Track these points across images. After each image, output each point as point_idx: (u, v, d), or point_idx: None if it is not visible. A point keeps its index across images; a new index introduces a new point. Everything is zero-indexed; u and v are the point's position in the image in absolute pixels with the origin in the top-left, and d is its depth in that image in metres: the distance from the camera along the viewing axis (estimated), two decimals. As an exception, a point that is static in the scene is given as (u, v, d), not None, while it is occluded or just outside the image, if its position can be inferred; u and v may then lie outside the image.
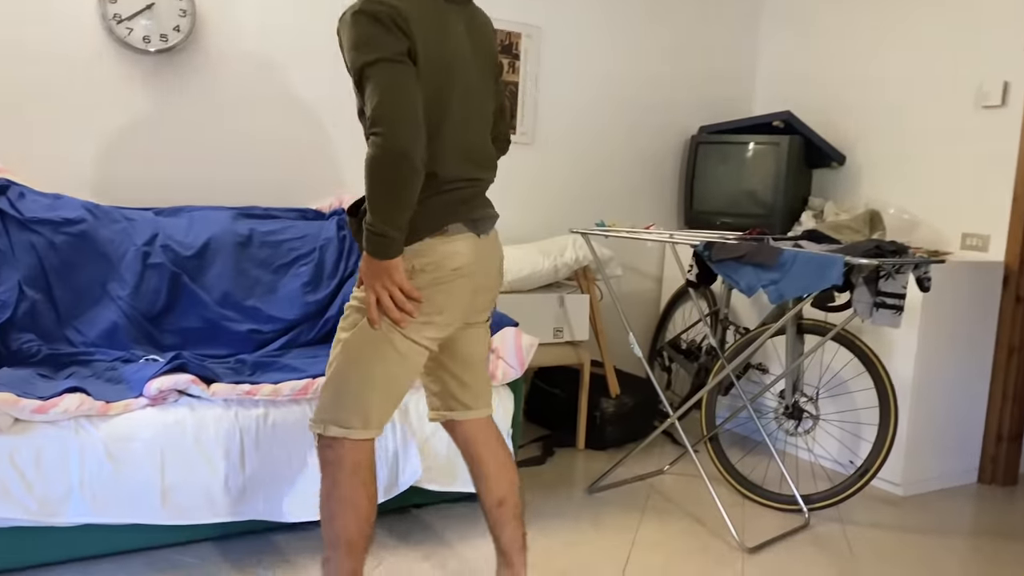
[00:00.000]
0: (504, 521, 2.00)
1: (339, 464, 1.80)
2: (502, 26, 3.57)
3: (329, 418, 1.80)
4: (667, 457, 3.39)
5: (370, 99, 1.64)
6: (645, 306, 4.15)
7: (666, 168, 4.11)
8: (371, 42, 1.64)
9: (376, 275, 1.72)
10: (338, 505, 1.80)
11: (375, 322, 1.75)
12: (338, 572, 1.82)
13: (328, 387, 1.81)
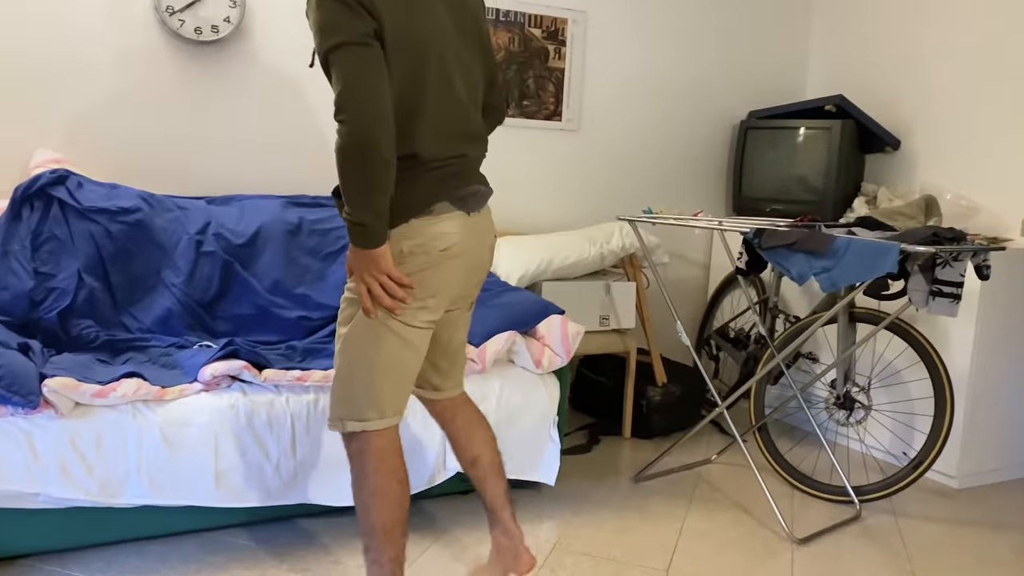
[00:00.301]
0: (483, 478, 2.03)
1: (365, 456, 1.80)
2: (548, 12, 3.55)
3: (345, 414, 1.79)
4: (715, 446, 3.36)
5: (335, 85, 1.61)
6: (692, 294, 4.11)
7: (714, 154, 4.05)
8: (336, 25, 1.60)
9: (364, 265, 1.70)
10: (370, 495, 1.81)
11: (370, 312, 1.73)
12: (380, 559, 1.83)
13: (338, 383, 1.80)
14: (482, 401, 2.56)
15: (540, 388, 2.67)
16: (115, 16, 2.84)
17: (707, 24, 3.91)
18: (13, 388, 2.00)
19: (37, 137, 2.79)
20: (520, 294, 2.88)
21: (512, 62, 3.52)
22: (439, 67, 1.73)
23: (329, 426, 1.84)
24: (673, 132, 3.94)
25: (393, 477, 1.82)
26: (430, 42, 1.71)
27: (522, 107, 3.58)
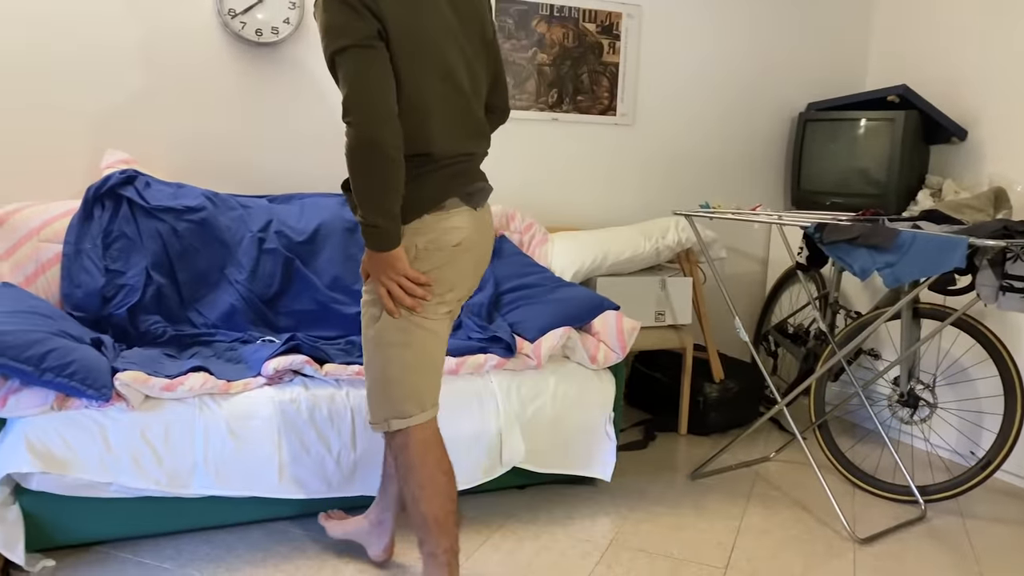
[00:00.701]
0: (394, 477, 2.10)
1: (409, 450, 1.84)
2: (602, 6, 3.53)
3: (388, 414, 1.83)
4: (773, 444, 3.31)
5: (341, 87, 1.63)
6: (750, 289, 4.05)
7: (772, 147, 3.99)
8: (341, 28, 1.62)
9: (380, 268, 1.73)
10: (418, 489, 1.84)
11: (394, 312, 1.76)
12: (435, 551, 1.86)
13: (375, 386, 1.84)
14: (536, 397, 2.57)
15: (595, 384, 2.67)
16: (181, 20, 2.92)
17: (764, 15, 3.85)
18: (87, 382, 2.08)
19: (107, 138, 2.88)
20: (575, 289, 2.88)
21: (566, 57, 3.52)
22: (445, 66, 1.75)
23: (373, 428, 1.88)
24: (730, 125, 3.88)
25: (439, 468, 1.85)
26: (435, 41, 1.72)
27: (576, 102, 3.57)
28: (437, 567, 1.89)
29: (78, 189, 2.84)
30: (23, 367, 2.02)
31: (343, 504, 2.47)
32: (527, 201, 3.55)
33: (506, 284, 2.99)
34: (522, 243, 3.27)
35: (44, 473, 2.05)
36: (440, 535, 1.87)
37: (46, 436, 2.07)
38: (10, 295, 2.39)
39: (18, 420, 2.08)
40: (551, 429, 2.59)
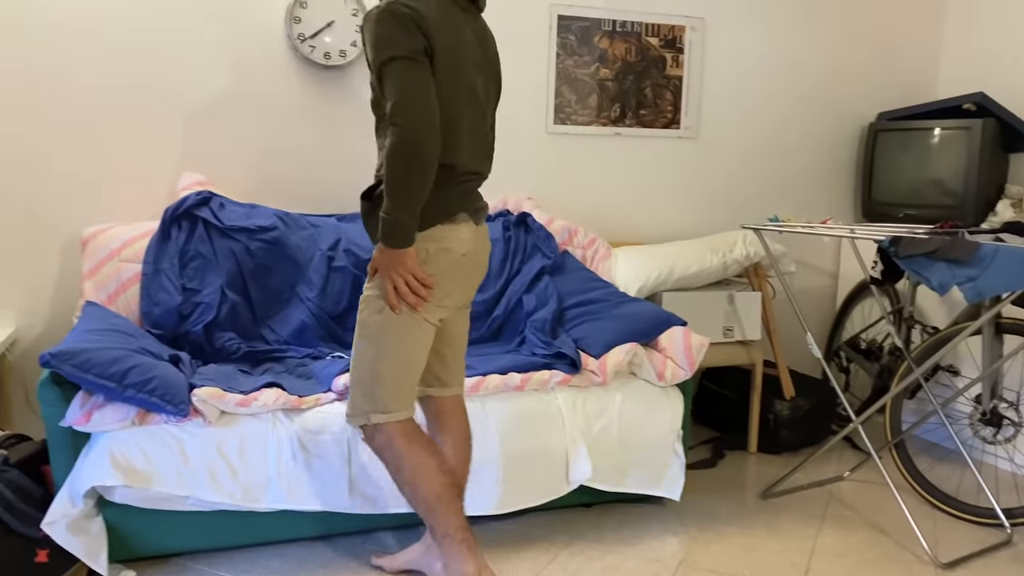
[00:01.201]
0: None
1: (393, 443, 1.93)
2: (664, 20, 3.52)
3: (371, 408, 1.93)
4: (847, 463, 3.21)
5: (389, 93, 1.77)
6: (820, 303, 3.96)
7: (841, 158, 3.90)
8: (392, 40, 1.77)
9: (392, 264, 1.84)
10: (412, 475, 1.94)
11: (396, 307, 1.87)
12: (448, 531, 1.96)
13: (362, 379, 1.93)
14: (602, 414, 2.56)
15: (663, 401, 2.63)
16: (253, 45, 3.01)
17: (831, 24, 3.78)
18: (166, 397, 2.14)
19: (183, 161, 2.98)
20: (640, 305, 2.85)
21: (629, 72, 3.51)
22: (473, 90, 1.90)
23: (350, 421, 1.95)
24: (797, 137, 3.81)
25: (424, 449, 1.96)
26: (467, 68, 1.88)
27: (639, 116, 3.55)
28: (455, 546, 1.95)
29: (157, 210, 2.94)
30: (107, 383, 2.10)
31: (411, 521, 2.48)
32: (589, 216, 3.55)
33: (570, 299, 2.98)
34: (585, 258, 3.26)
35: (126, 486, 2.12)
36: (448, 512, 1.95)
37: (128, 450, 2.14)
38: (95, 314, 2.48)
39: (102, 435, 2.16)
40: (618, 447, 2.56)
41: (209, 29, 2.95)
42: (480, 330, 3.00)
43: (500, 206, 3.31)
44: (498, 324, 3.02)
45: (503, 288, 3.06)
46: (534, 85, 3.38)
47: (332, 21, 3.03)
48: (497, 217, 3.24)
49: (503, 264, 3.09)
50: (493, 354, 2.77)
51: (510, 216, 3.22)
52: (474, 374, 2.54)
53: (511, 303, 3.02)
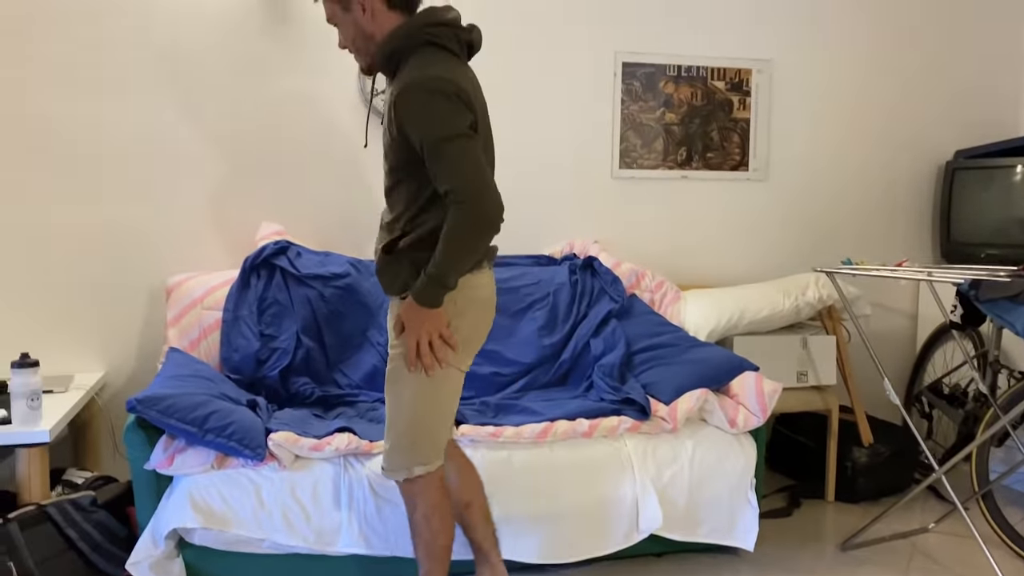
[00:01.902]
0: (475, 523, 2.12)
1: (429, 492, 1.96)
2: (730, 64, 3.52)
3: (413, 461, 1.94)
4: (931, 514, 3.08)
5: (451, 172, 1.76)
6: (899, 347, 3.83)
7: (916, 198, 3.80)
8: (446, 118, 1.77)
9: (423, 322, 1.84)
10: (440, 523, 1.98)
11: (413, 365, 1.87)
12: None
13: (404, 432, 1.93)
14: (673, 461, 2.52)
15: (735, 448, 2.59)
16: (328, 100, 3.13)
17: (904, 63, 3.72)
18: (244, 442, 2.21)
19: (262, 211, 3.10)
20: (710, 349, 2.82)
21: (695, 115, 3.51)
22: (492, 156, 1.97)
23: (390, 476, 1.97)
24: (869, 177, 3.74)
25: (448, 504, 2.02)
26: (489, 133, 1.95)
27: (706, 159, 3.55)
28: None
29: (237, 260, 3.06)
30: (188, 428, 2.18)
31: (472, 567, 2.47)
32: (657, 259, 3.54)
33: (638, 344, 2.97)
34: (653, 302, 3.25)
35: (205, 528, 2.18)
36: (445, 563, 2.02)
37: (207, 493, 2.21)
38: (178, 359, 2.59)
39: (183, 478, 2.23)
40: (689, 495, 2.52)
41: (287, 83, 3.08)
42: (547, 375, 3.01)
43: (567, 250, 3.33)
44: (565, 369, 3.02)
45: (570, 332, 3.07)
46: (599, 130, 3.42)
47: (403, 75, 3.13)
48: (563, 261, 3.26)
49: (570, 308, 3.10)
50: (560, 399, 2.78)
51: (576, 260, 3.23)
52: (542, 420, 2.55)
53: (578, 347, 3.02)
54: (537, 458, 2.45)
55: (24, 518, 2.14)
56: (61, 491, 2.54)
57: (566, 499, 2.42)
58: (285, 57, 3.07)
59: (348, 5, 1.85)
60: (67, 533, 2.17)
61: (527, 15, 3.30)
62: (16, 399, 2.26)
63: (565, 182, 3.41)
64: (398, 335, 1.91)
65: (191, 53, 2.99)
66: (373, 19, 1.85)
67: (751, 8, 3.52)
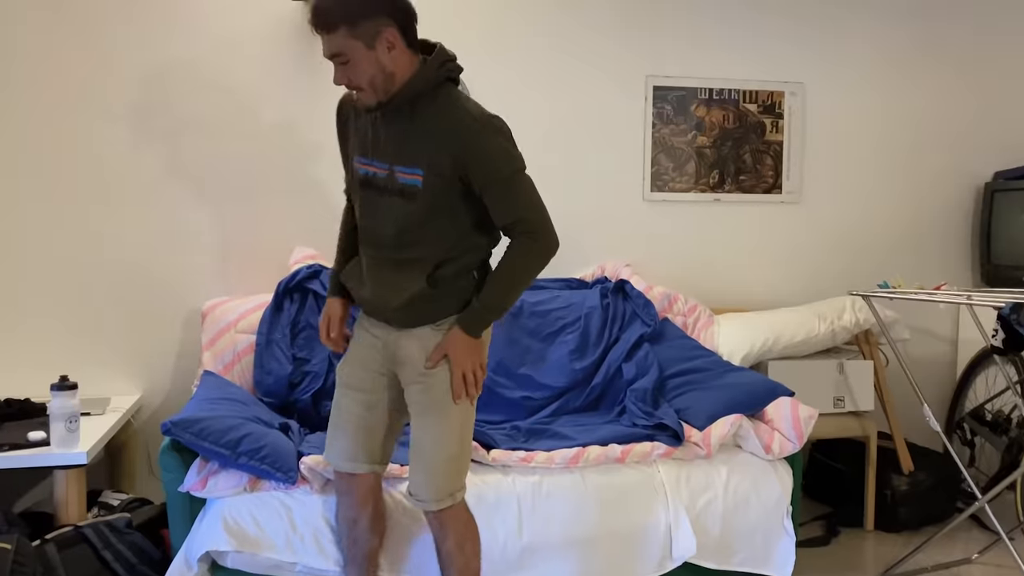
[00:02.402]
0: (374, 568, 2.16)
1: (466, 516, 2.01)
2: (762, 86, 3.51)
3: (455, 487, 1.97)
4: (975, 544, 3.00)
5: (523, 205, 1.84)
6: (938, 372, 3.75)
7: (954, 221, 3.74)
8: (513, 152, 1.84)
9: (471, 352, 1.89)
10: (474, 548, 2.01)
11: (460, 396, 1.90)
12: None
13: (450, 461, 1.94)
14: (707, 488, 2.48)
15: (771, 475, 2.54)
16: (361, 126, 3.17)
17: (940, 85, 3.68)
18: (276, 465, 2.22)
19: (296, 236, 3.14)
20: (745, 374, 2.78)
21: (727, 138, 3.50)
22: None
23: (432, 506, 1.95)
24: (907, 199, 3.69)
25: (475, 525, 2.05)
26: None
27: (739, 182, 3.53)
28: None
29: (271, 284, 3.10)
30: (222, 451, 2.19)
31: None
32: (690, 283, 3.51)
33: (671, 368, 2.94)
34: (686, 325, 3.22)
35: (238, 552, 2.19)
36: None
37: (240, 516, 2.22)
38: (212, 383, 2.61)
39: (216, 501, 2.25)
40: (724, 523, 2.47)
41: (320, 108, 3.13)
42: (579, 399, 2.99)
43: (598, 273, 3.32)
44: (597, 393, 3.00)
45: (602, 356, 3.05)
46: (630, 154, 3.42)
47: (435, 100, 3.16)
48: (595, 284, 3.25)
49: (602, 332, 3.08)
50: (592, 424, 2.75)
51: (608, 283, 3.22)
52: (573, 445, 2.53)
53: (610, 372, 3.00)
54: (569, 484, 2.43)
55: (61, 539, 2.17)
56: (97, 512, 2.57)
57: (598, 525, 2.39)
58: (319, 81, 3.12)
59: (373, 43, 1.76)
60: (103, 555, 2.19)
61: (558, 39, 3.32)
62: (55, 421, 2.30)
63: (596, 205, 3.41)
64: (434, 365, 1.90)
65: (226, 80, 3.05)
66: (397, 58, 1.80)
67: (783, 30, 3.51)
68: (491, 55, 3.25)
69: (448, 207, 1.85)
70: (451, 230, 1.88)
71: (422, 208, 1.84)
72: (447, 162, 1.80)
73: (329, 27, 1.74)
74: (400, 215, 1.86)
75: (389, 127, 1.85)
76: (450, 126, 1.80)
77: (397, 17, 1.77)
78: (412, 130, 1.83)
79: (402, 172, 1.83)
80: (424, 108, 1.83)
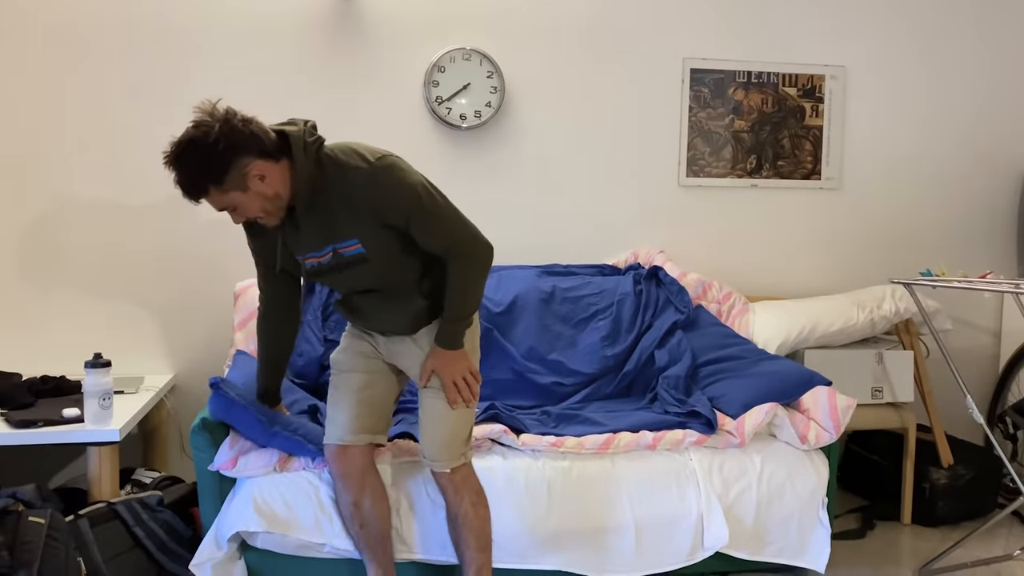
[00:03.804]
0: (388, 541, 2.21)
1: (472, 480, 2.12)
2: (803, 70, 3.43)
3: (461, 452, 2.10)
4: (1016, 540, 2.92)
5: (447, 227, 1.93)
6: (980, 365, 3.66)
7: (1000, 207, 3.63)
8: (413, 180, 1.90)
9: (457, 362, 2.02)
10: (485, 510, 2.11)
11: (456, 404, 2.04)
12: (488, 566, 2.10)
13: (455, 434, 2.08)
14: (741, 477, 2.44)
15: (806, 466, 2.49)
16: (393, 107, 3.15)
17: (985, 68, 3.56)
18: (309, 438, 2.22)
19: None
20: (780, 363, 2.73)
21: (765, 123, 3.43)
22: None
23: (444, 466, 2.08)
24: (950, 185, 3.59)
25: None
26: None
27: (776, 167, 3.45)
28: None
29: (302, 265, 3.10)
30: (261, 419, 2.20)
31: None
32: (725, 270, 3.45)
33: (704, 356, 2.89)
34: (720, 313, 3.17)
35: (268, 532, 2.19)
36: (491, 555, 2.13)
37: (270, 497, 2.22)
38: (244, 363, 2.62)
39: (246, 481, 2.25)
40: (757, 513, 2.43)
41: (350, 94, 3.11)
42: (610, 386, 2.95)
43: (631, 259, 3.28)
44: (629, 380, 2.96)
45: (634, 343, 3.01)
46: (666, 138, 3.36)
47: (468, 83, 3.13)
48: (628, 271, 3.21)
49: (634, 319, 3.04)
50: (623, 411, 2.72)
51: (641, 269, 3.18)
52: (604, 431, 2.50)
53: (642, 358, 2.96)
54: (599, 470, 2.40)
55: (94, 515, 2.19)
56: (130, 490, 2.59)
57: (628, 513, 2.36)
58: (346, 69, 3.10)
59: (245, 185, 1.80)
60: (134, 531, 2.21)
61: (594, 22, 3.27)
62: (89, 398, 2.32)
63: (630, 190, 3.36)
64: (426, 382, 2.06)
65: (257, 63, 3.05)
66: (270, 180, 1.83)
67: (824, 13, 3.42)
68: (526, 37, 3.21)
69: (400, 247, 1.96)
70: (415, 259, 2.00)
71: (379, 262, 1.96)
72: (369, 221, 1.89)
73: (200, 193, 1.81)
74: (364, 275, 1.99)
75: (306, 224, 1.92)
76: (352, 192, 1.86)
77: (251, 149, 1.79)
78: (326, 216, 1.90)
79: (344, 247, 1.93)
80: (321, 192, 1.88)
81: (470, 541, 2.10)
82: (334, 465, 2.14)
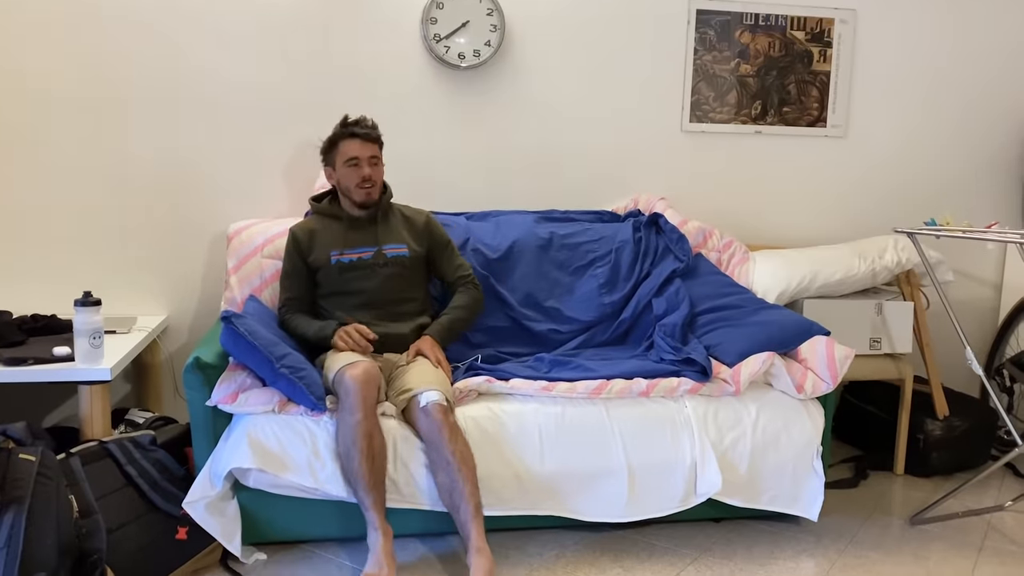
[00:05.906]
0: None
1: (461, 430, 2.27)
2: (812, 12, 3.33)
3: (450, 394, 2.34)
4: (1008, 492, 2.93)
5: (463, 261, 2.77)
6: (980, 317, 3.64)
7: (1007, 158, 3.57)
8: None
9: (438, 349, 2.52)
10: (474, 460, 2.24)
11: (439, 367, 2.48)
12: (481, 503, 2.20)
13: (444, 380, 2.37)
14: (735, 425, 2.44)
15: (802, 415, 2.48)
16: (389, 46, 3.07)
17: (997, 14, 3.46)
18: (311, 388, 2.21)
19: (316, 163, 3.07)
20: (779, 312, 2.71)
21: (772, 67, 3.34)
22: None
23: (447, 396, 2.29)
24: (957, 135, 3.52)
25: None
26: None
27: (782, 114, 3.38)
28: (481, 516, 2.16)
29: (296, 208, 3.05)
30: (269, 356, 2.20)
31: (532, 523, 2.43)
32: (726, 217, 3.40)
33: (702, 304, 2.87)
34: (720, 262, 3.13)
35: (260, 470, 2.19)
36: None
37: (265, 435, 2.21)
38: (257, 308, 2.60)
39: (242, 418, 2.25)
40: (751, 461, 2.43)
41: (347, 32, 3.02)
42: (606, 334, 2.93)
43: (631, 206, 3.23)
44: (625, 327, 2.94)
45: (632, 290, 2.98)
46: (669, 81, 3.28)
47: (467, 21, 3.04)
48: (627, 217, 3.16)
49: (632, 266, 3.01)
50: (618, 358, 2.70)
51: (641, 216, 3.13)
52: (597, 377, 2.48)
53: (639, 306, 2.93)
54: (591, 415, 2.40)
55: (86, 453, 2.18)
56: (123, 430, 2.58)
57: (621, 458, 2.36)
58: (343, 4, 3.01)
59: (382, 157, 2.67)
60: (127, 470, 2.21)
61: (597, -41, 3.16)
62: (79, 337, 2.30)
63: (632, 135, 3.30)
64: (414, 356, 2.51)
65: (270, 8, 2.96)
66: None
67: (837, -48, 3.32)
68: (526, -27, 3.11)
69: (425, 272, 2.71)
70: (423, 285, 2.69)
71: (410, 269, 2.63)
72: (416, 239, 2.67)
73: (376, 139, 2.61)
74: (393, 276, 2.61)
75: (372, 222, 2.64)
76: (412, 216, 2.72)
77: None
78: (391, 223, 2.67)
79: (390, 248, 2.61)
80: (388, 209, 2.69)
81: (470, 477, 2.17)
82: (351, 388, 2.19)
